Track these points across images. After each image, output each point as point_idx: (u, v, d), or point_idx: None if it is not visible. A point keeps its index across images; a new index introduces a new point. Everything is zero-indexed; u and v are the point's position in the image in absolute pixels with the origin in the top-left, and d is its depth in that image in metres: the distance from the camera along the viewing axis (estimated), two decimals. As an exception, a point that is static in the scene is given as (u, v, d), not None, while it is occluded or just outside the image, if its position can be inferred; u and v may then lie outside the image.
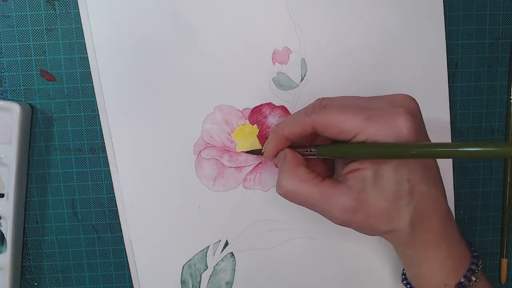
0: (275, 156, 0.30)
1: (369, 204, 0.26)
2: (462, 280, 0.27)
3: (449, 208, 0.28)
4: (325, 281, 0.35)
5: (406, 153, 0.23)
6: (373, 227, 0.27)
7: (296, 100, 0.33)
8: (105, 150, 0.33)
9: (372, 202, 0.26)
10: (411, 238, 0.27)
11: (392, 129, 0.25)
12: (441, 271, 0.27)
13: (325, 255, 0.35)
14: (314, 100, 0.29)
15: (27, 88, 0.33)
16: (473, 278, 0.27)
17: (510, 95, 0.35)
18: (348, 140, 0.26)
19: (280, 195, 0.28)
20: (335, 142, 0.29)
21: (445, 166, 0.35)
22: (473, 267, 0.28)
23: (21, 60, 0.33)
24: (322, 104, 0.28)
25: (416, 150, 0.23)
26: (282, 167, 0.29)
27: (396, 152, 0.24)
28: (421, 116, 0.27)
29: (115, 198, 0.33)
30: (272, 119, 0.33)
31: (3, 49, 0.33)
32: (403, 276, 0.32)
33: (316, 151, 0.28)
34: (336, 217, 0.27)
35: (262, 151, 0.31)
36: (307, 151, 0.29)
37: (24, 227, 0.35)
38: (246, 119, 0.33)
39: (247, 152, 0.33)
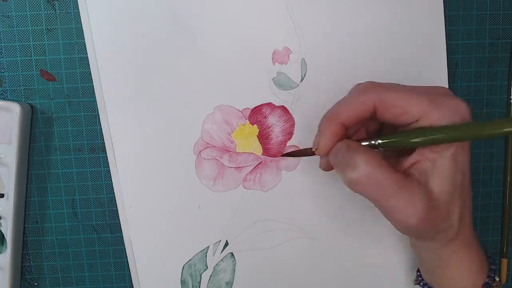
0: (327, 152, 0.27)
1: (434, 199, 0.24)
2: (487, 280, 0.26)
3: None
4: (325, 281, 0.35)
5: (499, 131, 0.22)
6: (437, 226, 0.24)
7: (296, 100, 0.33)
8: (105, 150, 0.33)
9: (436, 196, 0.24)
10: (454, 236, 0.25)
11: (457, 114, 0.24)
12: (470, 272, 0.26)
13: (325, 255, 0.35)
14: (355, 85, 0.27)
15: (27, 88, 0.33)
16: (496, 278, 0.27)
17: (510, 95, 0.35)
18: (407, 125, 0.25)
19: (351, 182, 0.25)
20: (381, 131, 0.27)
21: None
22: (493, 267, 0.27)
23: (21, 60, 0.33)
24: (378, 84, 0.26)
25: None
26: (350, 152, 0.25)
27: (487, 131, 0.23)
28: None
29: (115, 198, 0.33)
30: (272, 119, 0.33)
31: (3, 49, 0.33)
32: (419, 278, 0.30)
33: (381, 143, 0.25)
34: (413, 214, 0.24)
35: (313, 149, 0.27)
36: (369, 143, 0.26)
37: (24, 227, 0.35)
38: (246, 119, 0.33)
39: (287, 155, 0.31)
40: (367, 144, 0.26)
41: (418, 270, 0.30)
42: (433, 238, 0.26)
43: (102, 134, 0.33)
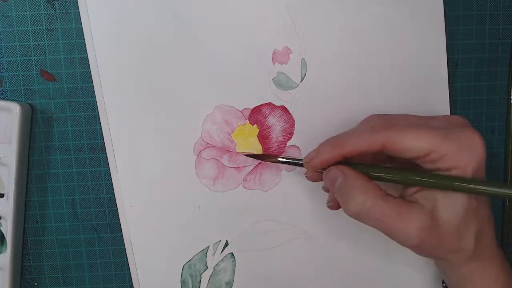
0: (317, 169, 0.28)
1: (442, 223, 0.25)
2: None
3: None
4: (325, 281, 0.35)
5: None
6: (444, 247, 0.26)
7: (296, 100, 0.33)
8: (105, 150, 0.33)
9: (444, 220, 0.25)
10: (473, 256, 0.26)
11: (469, 149, 0.25)
12: (496, 287, 0.27)
13: (325, 255, 0.35)
14: (367, 116, 0.28)
15: (27, 88, 0.33)
16: None
17: (510, 95, 0.35)
18: (418, 158, 0.26)
19: (352, 215, 0.26)
20: (391, 162, 0.28)
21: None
22: None
23: (21, 60, 0.33)
24: (388, 123, 0.27)
25: None
26: (348, 184, 0.26)
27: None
28: None
29: (115, 198, 0.33)
30: (272, 119, 0.33)
31: (3, 49, 0.33)
32: None
33: (381, 176, 0.27)
34: (411, 236, 0.25)
35: (305, 161, 0.29)
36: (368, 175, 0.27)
37: (24, 227, 0.35)
38: (246, 119, 0.33)
39: (282, 161, 0.31)
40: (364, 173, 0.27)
41: (443, 282, 0.31)
42: (444, 257, 0.27)
43: (102, 134, 0.33)
